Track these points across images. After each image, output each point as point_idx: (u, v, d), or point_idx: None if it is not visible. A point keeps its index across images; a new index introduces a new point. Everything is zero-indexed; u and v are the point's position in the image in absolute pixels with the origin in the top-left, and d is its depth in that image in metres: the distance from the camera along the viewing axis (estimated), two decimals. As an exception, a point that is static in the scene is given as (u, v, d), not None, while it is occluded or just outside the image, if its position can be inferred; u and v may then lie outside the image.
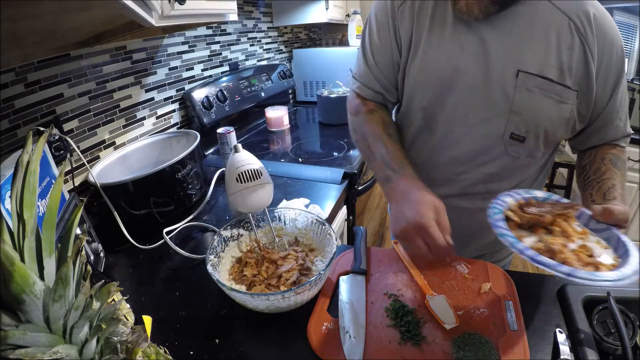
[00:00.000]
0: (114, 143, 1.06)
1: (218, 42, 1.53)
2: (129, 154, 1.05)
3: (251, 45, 1.80)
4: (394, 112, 0.82)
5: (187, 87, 1.36)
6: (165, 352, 0.47)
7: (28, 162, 0.32)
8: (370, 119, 0.75)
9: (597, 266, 0.47)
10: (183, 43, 1.32)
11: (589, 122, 0.67)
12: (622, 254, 0.49)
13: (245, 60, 1.76)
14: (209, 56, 1.48)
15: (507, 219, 0.55)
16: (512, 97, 0.61)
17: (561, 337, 0.54)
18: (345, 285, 0.66)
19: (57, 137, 0.83)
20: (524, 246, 0.48)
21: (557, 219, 0.54)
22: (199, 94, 1.33)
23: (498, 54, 0.61)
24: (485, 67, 0.62)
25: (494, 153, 0.68)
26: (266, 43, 1.94)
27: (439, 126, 0.70)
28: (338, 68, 2.06)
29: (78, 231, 0.59)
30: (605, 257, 0.50)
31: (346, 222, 1.24)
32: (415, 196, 0.59)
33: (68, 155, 0.85)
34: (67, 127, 0.91)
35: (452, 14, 0.63)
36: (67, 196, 0.75)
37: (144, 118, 1.17)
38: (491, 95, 0.63)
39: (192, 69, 1.39)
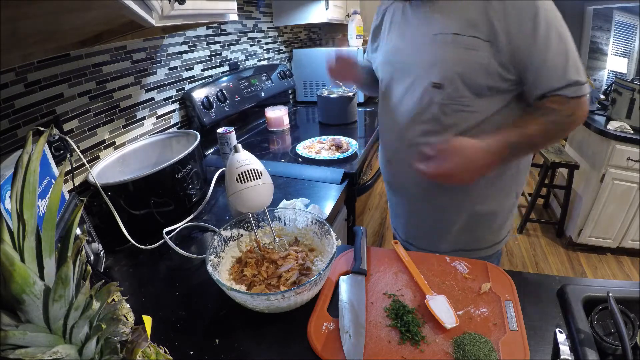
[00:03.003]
0: (114, 143, 1.06)
1: (218, 42, 1.53)
2: (129, 154, 1.05)
3: (251, 45, 1.80)
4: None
5: (187, 87, 1.36)
6: (165, 352, 0.47)
7: (28, 162, 0.32)
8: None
9: None
10: (183, 43, 1.32)
11: (524, 69, 0.71)
12: None
13: (245, 60, 1.76)
14: (209, 56, 1.48)
15: None
16: (430, 54, 0.77)
17: (561, 337, 0.54)
18: (345, 285, 0.66)
19: (57, 137, 0.83)
20: None
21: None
22: (199, 94, 1.33)
23: (424, 30, 0.78)
24: (415, 42, 0.80)
25: (425, 104, 0.80)
26: (266, 43, 1.94)
27: (393, 91, 0.88)
28: (338, 68, 2.05)
29: (78, 231, 0.59)
30: None
31: (346, 222, 1.24)
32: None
33: (68, 155, 0.85)
34: (67, 127, 0.91)
35: (399, 15, 0.85)
36: (67, 196, 0.75)
37: (144, 118, 1.17)
38: (418, 59, 0.80)
39: (192, 69, 1.39)
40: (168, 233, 0.87)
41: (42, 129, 0.39)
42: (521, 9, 0.67)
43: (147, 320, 0.57)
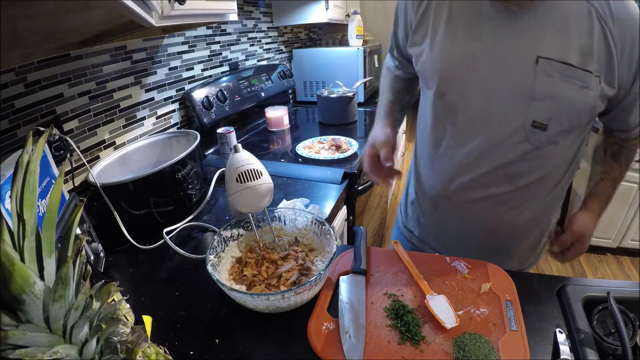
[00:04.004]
0: (114, 143, 1.06)
1: (218, 42, 1.53)
2: (129, 154, 1.05)
3: (251, 45, 1.80)
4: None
5: (187, 87, 1.36)
6: (165, 352, 0.47)
7: (28, 162, 0.32)
8: (386, 73, 0.96)
9: None
10: (183, 43, 1.32)
11: (612, 106, 0.65)
12: None
13: (245, 60, 1.76)
14: (209, 56, 1.48)
15: None
16: (532, 83, 0.61)
17: (561, 337, 0.54)
18: (345, 285, 0.66)
19: (57, 137, 0.83)
20: None
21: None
22: (199, 94, 1.33)
23: (516, 40, 0.61)
24: (503, 55, 0.62)
25: (515, 142, 0.66)
26: (266, 43, 1.94)
27: (459, 116, 0.70)
28: (338, 68, 2.06)
29: (78, 231, 0.59)
30: None
31: (346, 222, 1.24)
32: (375, 132, 0.83)
33: (68, 155, 0.85)
34: (67, 127, 0.91)
35: (465, 5, 0.65)
36: (67, 196, 0.75)
37: (144, 118, 1.17)
38: (510, 83, 0.63)
39: (192, 69, 1.39)
40: (168, 233, 0.87)
41: (42, 129, 0.39)
42: (634, 36, 0.56)
43: (147, 320, 0.57)
